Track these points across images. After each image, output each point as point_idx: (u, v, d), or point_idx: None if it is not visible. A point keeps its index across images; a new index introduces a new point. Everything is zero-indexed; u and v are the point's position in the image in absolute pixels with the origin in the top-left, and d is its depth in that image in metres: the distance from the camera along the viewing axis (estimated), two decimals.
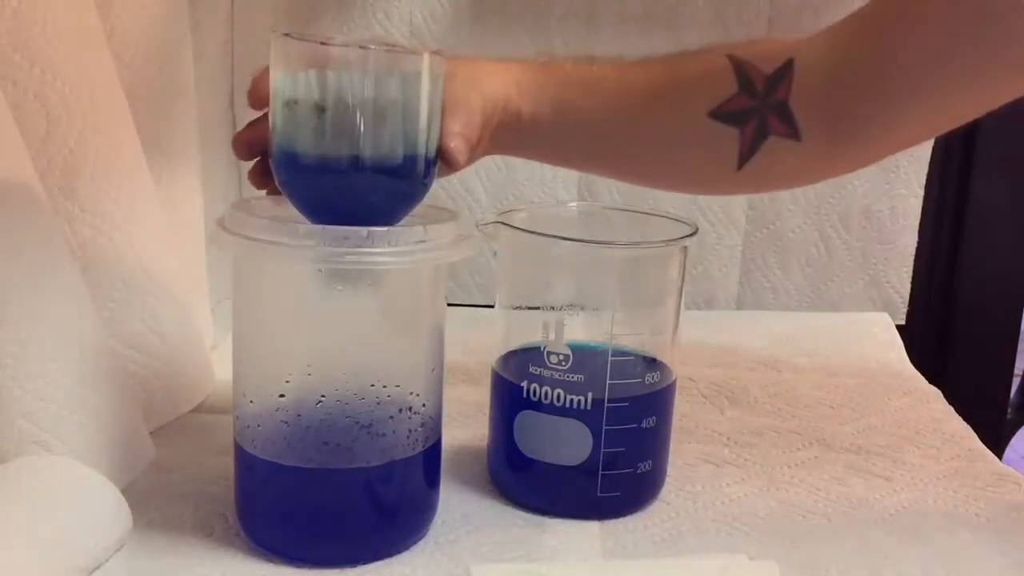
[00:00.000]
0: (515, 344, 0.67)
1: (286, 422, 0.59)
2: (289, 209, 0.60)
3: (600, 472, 0.64)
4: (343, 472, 0.59)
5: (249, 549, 0.60)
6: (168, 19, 0.79)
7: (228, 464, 0.62)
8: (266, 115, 0.59)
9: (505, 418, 0.67)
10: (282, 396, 0.58)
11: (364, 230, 0.54)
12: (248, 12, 0.98)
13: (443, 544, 0.62)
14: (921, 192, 1.09)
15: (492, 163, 1.07)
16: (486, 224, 0.66)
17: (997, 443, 1.09)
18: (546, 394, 0.64)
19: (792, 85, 0.66)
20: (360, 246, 0.54)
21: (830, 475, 0.73)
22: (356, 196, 0.57)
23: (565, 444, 0.64)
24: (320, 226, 0.56)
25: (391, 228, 0.55)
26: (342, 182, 0.57)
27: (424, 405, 0.60)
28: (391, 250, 0.55)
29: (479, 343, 0.94)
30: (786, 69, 0.66)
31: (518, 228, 0.65)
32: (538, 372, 0.63)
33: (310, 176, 0.57)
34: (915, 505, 0.69)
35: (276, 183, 0.60)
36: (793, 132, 0.67)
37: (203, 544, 0.61)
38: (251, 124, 0.63)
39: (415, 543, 0.62)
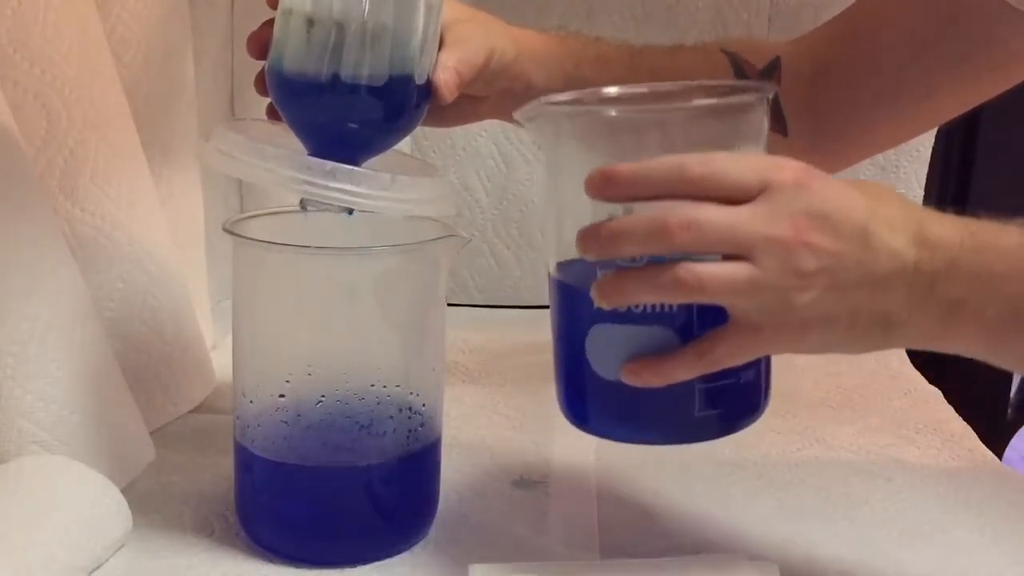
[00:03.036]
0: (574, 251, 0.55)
1: (286, 422, 0.59)
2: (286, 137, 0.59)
3: (696, 386, 0.54)
4: (343, 472, 0.59)
5: (249, 549, 0.60)
6: (168, 19, 0.78)
7: (228, 464, 0.62)
8: None
9: (573, 339, 0.56)
10: (282, 396, 0.58)
11: (329, 165, 0.53)
12: (248, 12, 0.98)
13: (443, 544, 0.62)
14: (921, 192, 1.08)
15: (492, 163, 1.07)
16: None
17: (997, 443, 1.09)
18: None
19: (781, 81, 0.68)
20: (321, 178, 0.53)
21: (830, 475, 0.73)
22: (336, 117, 0.56)
23: None
24: (291, 152, 0.55)
25: (357, 169, 0.54)
26: (324, 100, 0.56)
27: (424, 405, 0.60)
28: (353, 188, 0.53)
29: (479, 343, 0.94)
30: (775, 64, 0.68)
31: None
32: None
33: (294, 92, 0.56)
34: (915, 505, 0.69)
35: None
36: (782, 127, 0.68)
37: (203, 544, 0.61)
38: (268, 23, 0.60)
39: (415, 543, 0.62)
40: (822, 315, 0.50)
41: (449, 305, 0.60)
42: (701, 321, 0.53)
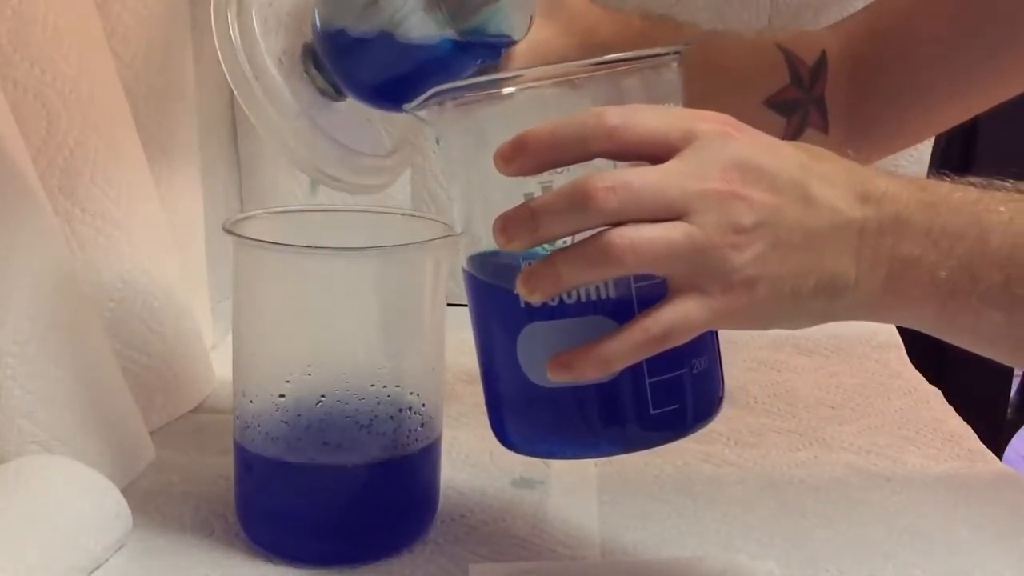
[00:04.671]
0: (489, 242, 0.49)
1: (286, 422, 0.59)
2: None
3: (647, 381, 0.49)
4: (343, 472, 0.59)
5: (249, 549, 0.60)
6: (168, 19, 0.79)
7: (228, 464, 0.62)
8: None
9: (503, 347, 0.51)
10: (282, 396, 0.58)
11: (300, 109, 0.55)
12: None
13: (443, 544, 0.62)
14: None
15: None
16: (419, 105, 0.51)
17: (997, 443, 1.09)
18: None
19: (827, 78, 0.68)
20: (284, 119, 0.55)
21: (830, 475, 0.73)
22: (378, 73, 0.57)
23: None
24: (281, 82, 0.56)
25: (319, 127, 0.56)
26: (368, 57, 0.56)
27: (424, 405, 0.60)
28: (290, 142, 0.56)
29: None
30: (823, 62, 0.68)
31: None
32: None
33: (338, 47, 0.56)
34: (915, 505, 0.69)
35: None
36: (824, 125, 0.68)
37: (203, 544, 0.61)
38: None
39: (415, 543, 0.62)
40: (768, 275, 0.46)
41: (449, 305, 0.60)
42: (642, 302, 0.47)
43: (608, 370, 0.46)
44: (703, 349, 0.50)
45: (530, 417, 0.52)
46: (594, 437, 0.51)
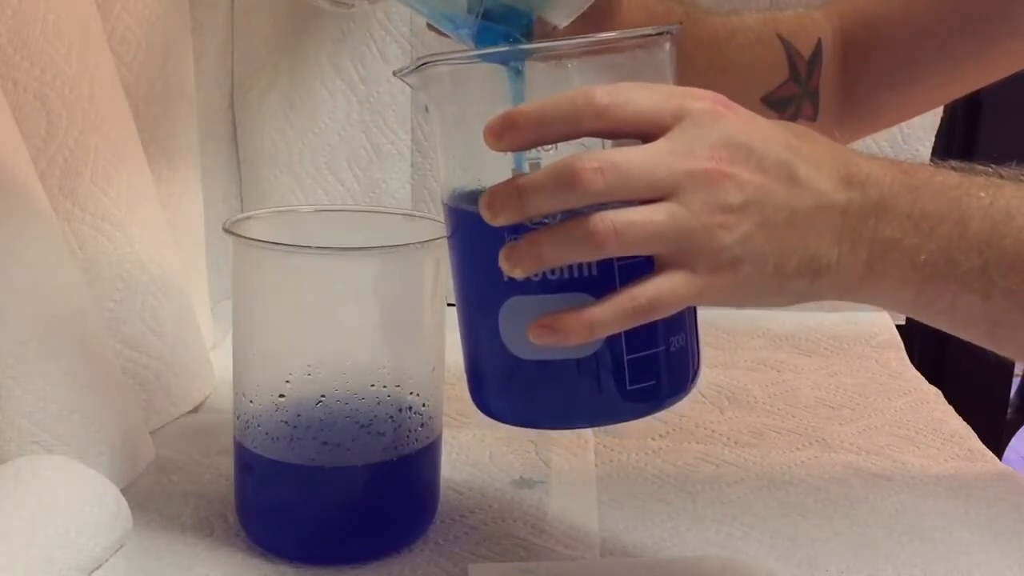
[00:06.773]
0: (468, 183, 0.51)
1: (286, 422, 0.59)
2: None
3: (626, 357, 0.49)
4: (343, 472, 0.59)
5: (249, 549, 0.60)
6: (168, 19, 0.79)
7: (228, 464, 0.62)
8: None
9: (484, 318, 0.51)
10: (282, 396, 0.58)
11: None
12: (248, 12, 0.98)
13: (442, 544, 0.62)
14: None
15: None
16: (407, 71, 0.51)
17: (997, 443, 1.09)
18: None
19: (821, 70, 0.68)
20: None
21: (830, 475, 0.73)
22: None
23: None
24: None
25: None
26: None
27: (424, 405, 0.60)
28: None
29: None
30: (818, 53, 0.68)
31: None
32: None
33: None
34: (915, 505, 0.69)
35: None
36: (814, 115, 0.69)
37: (203, 544, 0.61)
38: None
39: (415, 543, 0.62)
40: (753, 254, 0.46)
41: (449, 305, 0.60)
42: (625, 281, 0.47)
43: (590, 336, 0.46)
44: (681, 327, 0.51)
45: (509, 387, 0.53)
46: (571, 410, 0.52)
